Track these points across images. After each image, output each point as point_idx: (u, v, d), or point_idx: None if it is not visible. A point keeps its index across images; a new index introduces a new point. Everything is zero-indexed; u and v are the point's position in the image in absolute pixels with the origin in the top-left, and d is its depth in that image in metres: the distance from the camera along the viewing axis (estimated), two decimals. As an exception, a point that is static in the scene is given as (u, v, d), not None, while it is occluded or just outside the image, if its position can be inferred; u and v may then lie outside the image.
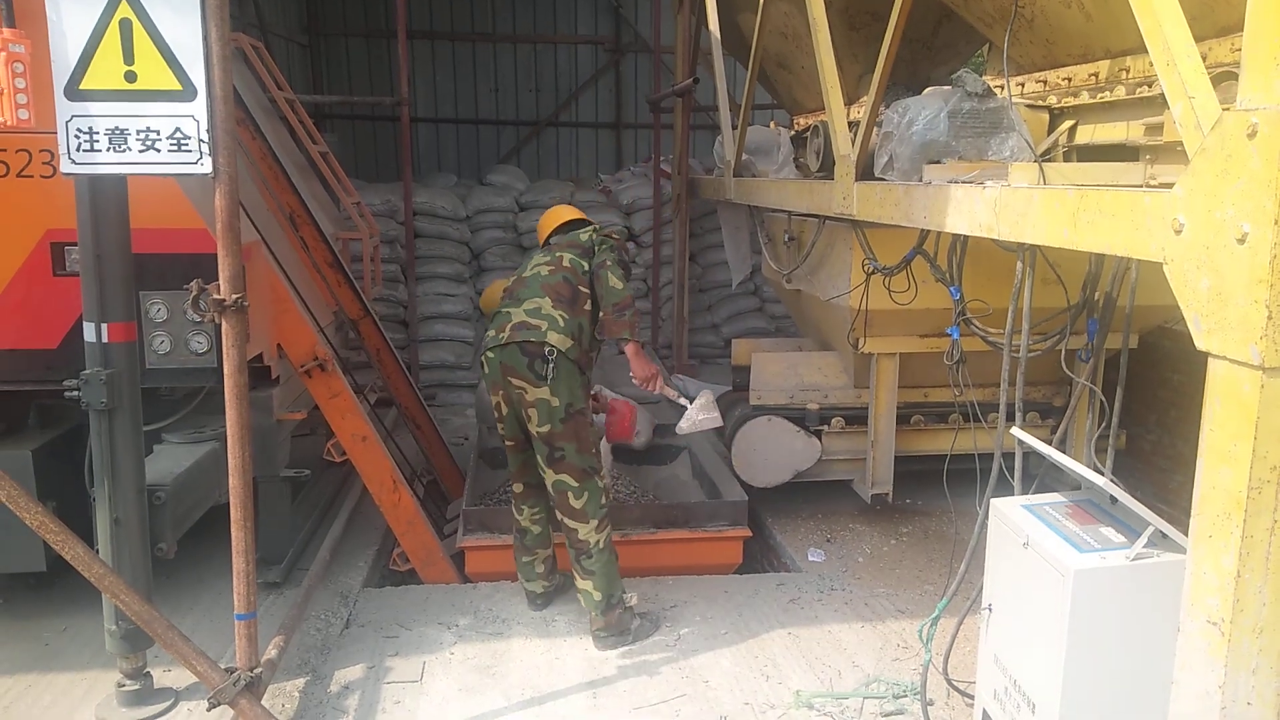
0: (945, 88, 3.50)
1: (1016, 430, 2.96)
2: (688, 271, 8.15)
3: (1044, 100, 3.74)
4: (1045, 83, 3.76)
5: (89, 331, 2.95)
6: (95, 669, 3.49)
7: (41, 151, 3.33)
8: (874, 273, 4.33)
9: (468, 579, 4.48)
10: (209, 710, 3.05)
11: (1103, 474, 2.61)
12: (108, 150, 2.63)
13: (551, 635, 3.88)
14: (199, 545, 4.10)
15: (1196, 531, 1.83)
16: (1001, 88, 3.48)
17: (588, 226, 4.03)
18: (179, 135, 2.63)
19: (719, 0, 6.29)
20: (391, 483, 4.41)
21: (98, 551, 3.00)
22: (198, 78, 2.61)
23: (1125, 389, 3.20)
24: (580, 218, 4.17)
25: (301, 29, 10.67)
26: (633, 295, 3.75)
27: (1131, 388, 3.92)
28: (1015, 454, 3.03)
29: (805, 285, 5.22)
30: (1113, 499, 2.60)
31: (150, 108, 2.62)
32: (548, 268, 3.81)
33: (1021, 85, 3.91)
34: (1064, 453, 2.78)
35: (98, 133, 2.62)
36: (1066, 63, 3.61)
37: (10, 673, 3.48)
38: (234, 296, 2.73)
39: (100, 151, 2.63)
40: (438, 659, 3.66)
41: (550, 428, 3.58)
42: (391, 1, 7.97)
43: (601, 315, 3.73)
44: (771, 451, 5.04)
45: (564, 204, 7.04)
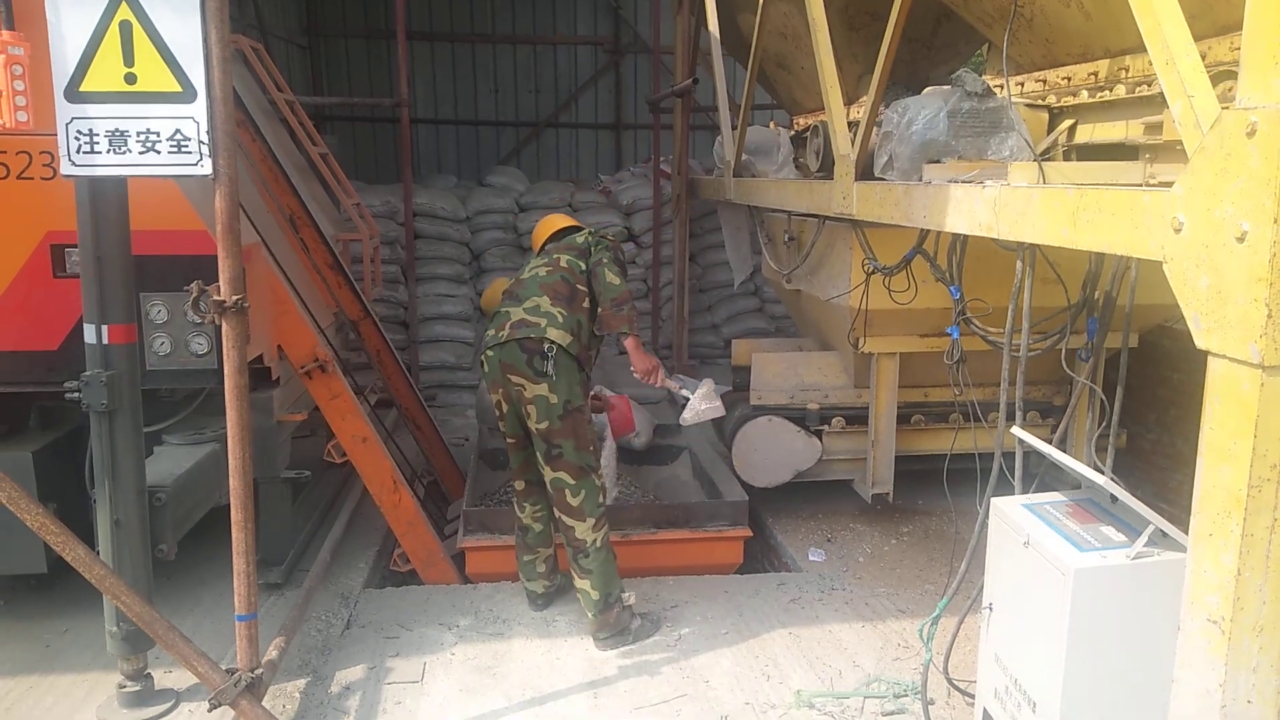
0: (945, 87, 3.50)
1: (1017, 429, 2.96)
2: (687, 272, 8.15)
3: (1043, 99, 3.74)
4: (1045, 82, 3.76)
5: (89, 333, 2.95)
6: (96, 670, 3.50)
7: (42, 153, 3.34)
8: (874, 272, 4.33)
9: (468, 580, 4.48)
10: (210, 711, 3.06)
11: (1103, 473, 2.61)
12: (108, 152, 2.63)
13: (552, 636, 3.88)
14: (199, 546, 4.10)
15: (1197, 530, 1.83)
16: (1001, 87, 3.48)
17: (582, 230, 4.10)
18: (179, 137, 2.63)
19: (718, 1, 6.29)
20: (392, 483, 4.41)
21: (98, 553, 3.00)
22: (197, 79, 2.61)
23: (1125, 388, 3.20)
24: (574, 225, 4.23)
25: (301, 30, 10.67)
26: (630, 291, 3.80)
27: (1131, 387, 3.92)
28: (1015, 453, 3.03)
29: (805, 285, 5.22)
30: (1113, 498, 2.60)
31: (150, 109, 2.62)
32: (545, 269, 3.86)
33: (1021, 84, 3.91)
34: (1064, 452, 2.78)
35: (98, 134, 2.62)
36: (1066, 62, 3.62)
37: (11, 674, 3.49)
38: (234, 298, 2.73)
39: (100, 153, 2.63)
40: (438, 659, 3.66)
41: (548, 424, 3.61)
42: (391, 3, 7.97)
43: (600, 311, 3.78)
44: (772, 451, 5.05)
45: (558, 212, 7.08)
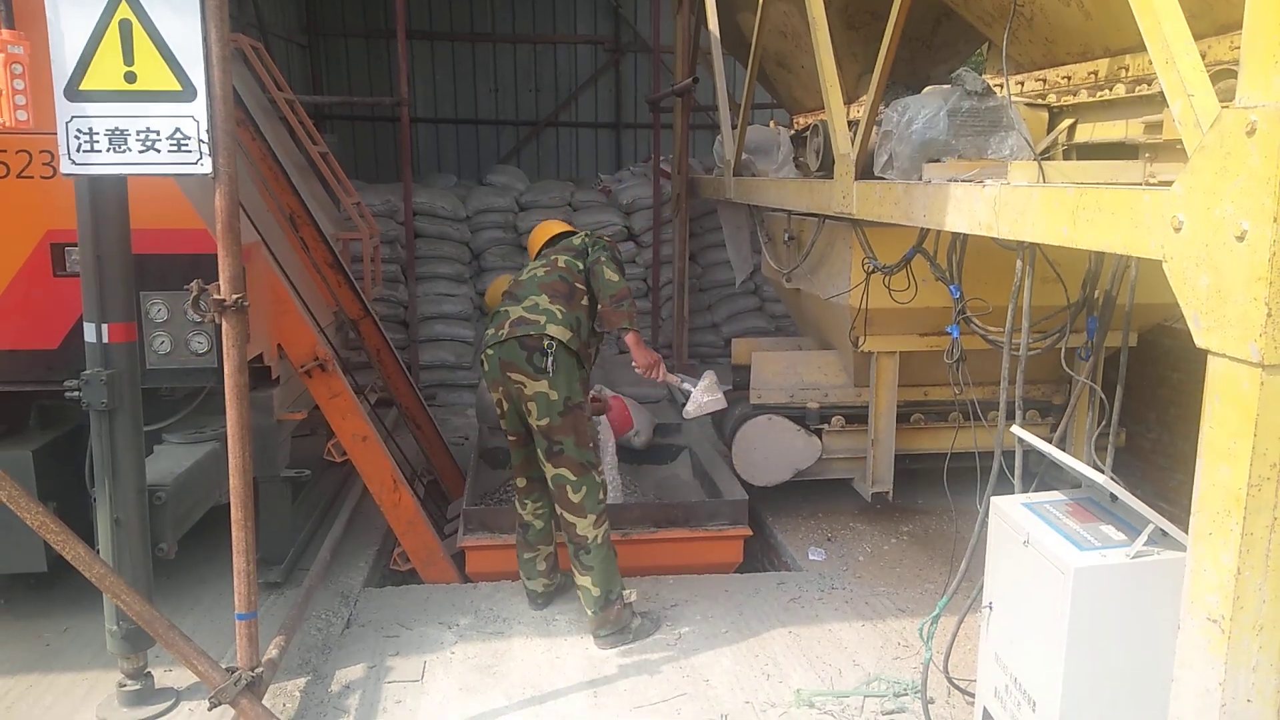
0: (945, 86, 3.50)
1: (1017, 428, 2.96)
2: (687, 271, 8.15)
3: (1043, 99, 3.74)
4: (1045, 81, 3.76)
5: (89, 332, 2.95)
6: (96, 669, 3.50)
7: (42, 152, 3.34)
8: (874, 271, 4.33)
9: (468, 579, 4.48)
10: (210, 710, 3.06)
11: (1103, 472, 2.61)
12: (107, 151, 2.63)
13: (552, 635, 3.88)
14: (199, 545, 4.11)
15: (1196, 529, 1.83)
16: (1001, 86, 3.48)
17: (578, 233, 4.15)
18: (179, 136, 2.64)
19: (718, 0, 6.29)
20: (392, 482, 4.41)
21: (98, 552, 3.00)
22: (197, 78, 2.61)
23: (1125, 387, 3.20)
24: (569, 229, 4.26)
25: (301, 29, 10.66)
26: (629, 288, 3.83)
27: (1131, 386, 3.92)
28: (1015, 452, 3.03)
29: (805, 284, 5.22)
30: (1113, 497, 2.60)
31: (150, 108, 2.62)
32: (543, 269, 3.90)
33: (1021, 84, 3.91)
34: (1064, 451, 2.78)
35: (97, 133, 2.62)
36: (1066, 61, 3.62)
37: (11, 673, 3.49)
38: (234, 297, 2.73)
39: (100, 152, 2.63)
40: (438, 658, 3.67)
41: (549, 421, 3.62)
42: (391, 2, 7.96)
43: (600, 307, 3.81)
44: (772, 450, 5.05)
45: (558, 211, 7.10)
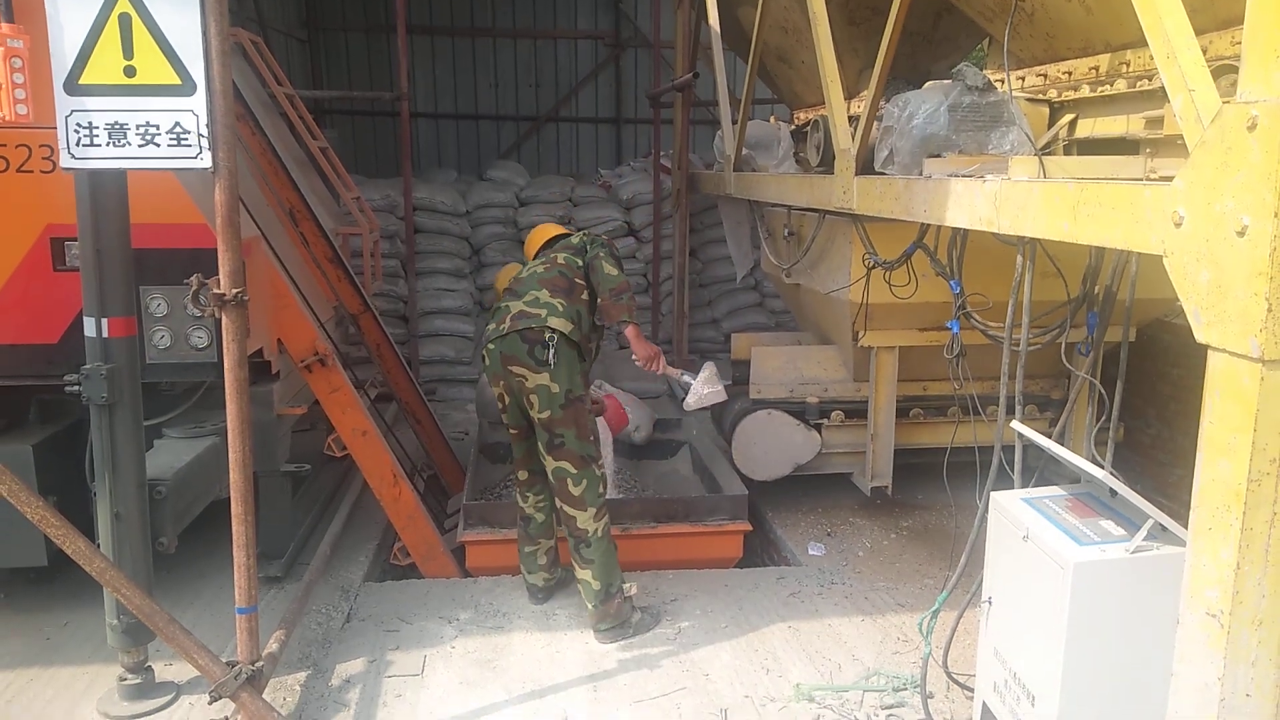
0: (945, 82, 3.50)
1: (1017, 424, 2.96)
2: (688, 266, 8.14)
3: (1044, 94, 3.73)
4: (1045, 76, 3.75)
5: (89, 326, 2.95)
6: (97, 663, 3.50)
7: (41, 146, 3.33)
8: (874, 267, 4.33)
9: (468, 573, 4.49)
10: (210, 704, 3.06)
11: (1102, 467, 2.61)
12: (107, 145, 2.63)
13: (552, 629, 3.88)
14: (199, 540, 4.11)
15: (1196, 524, 1.83)
16: (1002, 81, 3.48)
17: (576, 233, 4.16)
18: (178, 130, 2.63)
19: (719, -5, 6.28)
20: (392, 477, 4.42)
21: (99, 546, 3.00)
22: (197, 72, 2.60)
23: (1125, 382, 3.20)
24: (566, 232, 4.27)
25: (301, 24, 10.64)
26: (628, 282, 3.85)
27: (1131, 381, 3.92)
28: (1015, 447, 3.03)
29: (805, 280, 5.22)
30: (1112, 492, 2.60)
31: (150, 102, 2.61)
32: (543, 266, 3.93)
33: (1022, 79, 3.90)
34: (1063, 446, 2.78)
35: (97, 127, 2.62)
36: (1067, 56, 3.61)
37: (12, 667, 3.49)
38: (234, 291, 2.72)
39: (100, 146, 2.63)
40: (438, 653, 3.67)
41: (550, 414, 3.64)
42: (391, -4, 7.96)
43: (600, 302, 3.83)
44: (771, 445, 5.05)
45: (558, 206, 7.08)
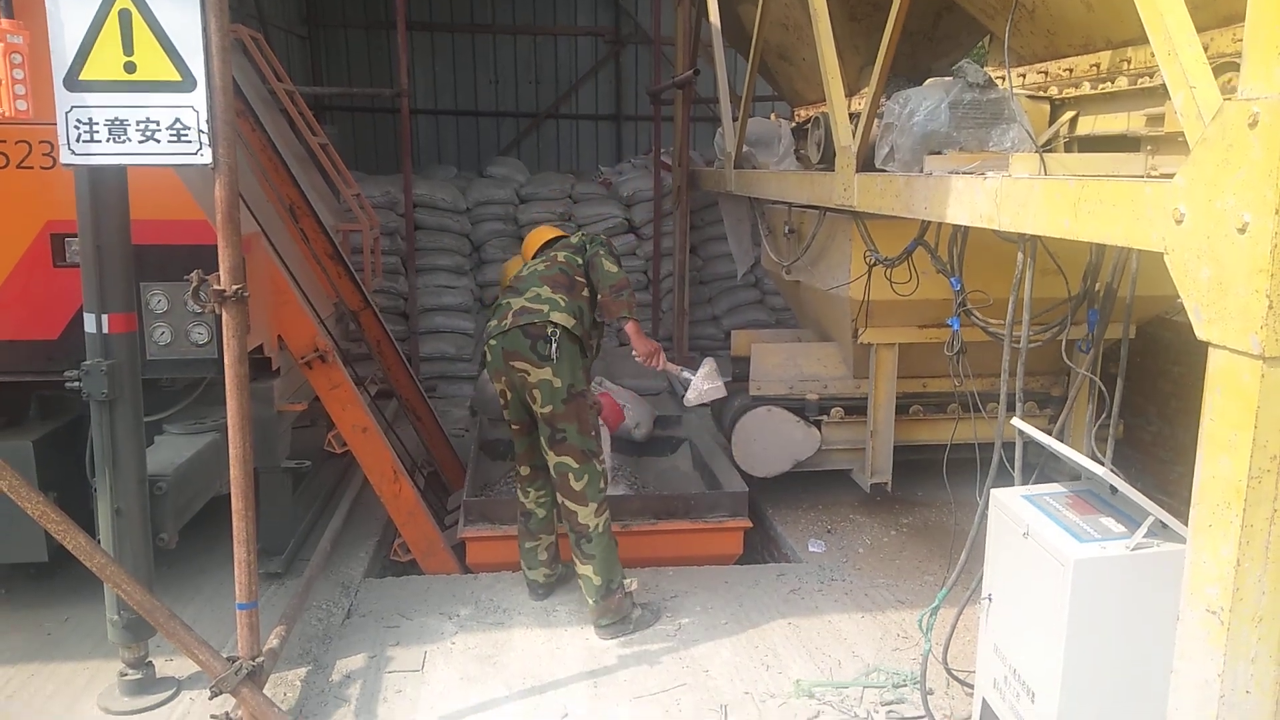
0: (946, 79, 3.49)
1: (1017, 421, 2.96)
2: (688, 263, 8.14)
3: (1045, 91, 3.73)
4: (1046, 73, 3.75)
5: (89, 322, 2.95)
6: (97, 659, 3.51)
7: (41, 143, 3.33)
8: (875, 264, 4.33)
9: (468, 569, 4.49)
10: (211, 699, 3.05)
11: (1102, 464, 2.61)
12: (107, 141, 2.62)
13: (552, 625, 3.89)
14: (200, 536, 4.11)
15: (1196, 521, 1.83)
16: (1003, 78, 3.47)
17: (575, 234, 4.19)
18: (178, 126, 2.63)
19: (719, -9, 6.26)
20: (392, 473, 4.42)
21: (99, 542, 3.00)
22: (197, 68, 2.60)
23: (1125, 379, 3.20)
24: (563, 234, 4.29)
25: (301, 20, 10.63)
26: (628, 279, 3.87)
27: (1132, 379, 3.92)
28: (1015, 444, 3.03)
29: (805, 277, 5.22)
30: (1113, 489, 2.60)
31: (150, 98, 2.61)
32: (544, 264, 3.95)
33: (1023, 76, 3.90)
34: (1063, 443, 2.78)
35: (97, 123, 2.61)
36: (1068, 53, 3.61)
37: (13, 662, 3.49)
38: (234, 287, 2.72)
39: (100, 142, 2.63)
40: (439, 648, 3.68)
41: (552, 408, 3.65)
42: (391, -8, 7.94)
43: (600, 298, 3.85)
44: (771, 441, 5.05)
45: (559, 202, 7.06)
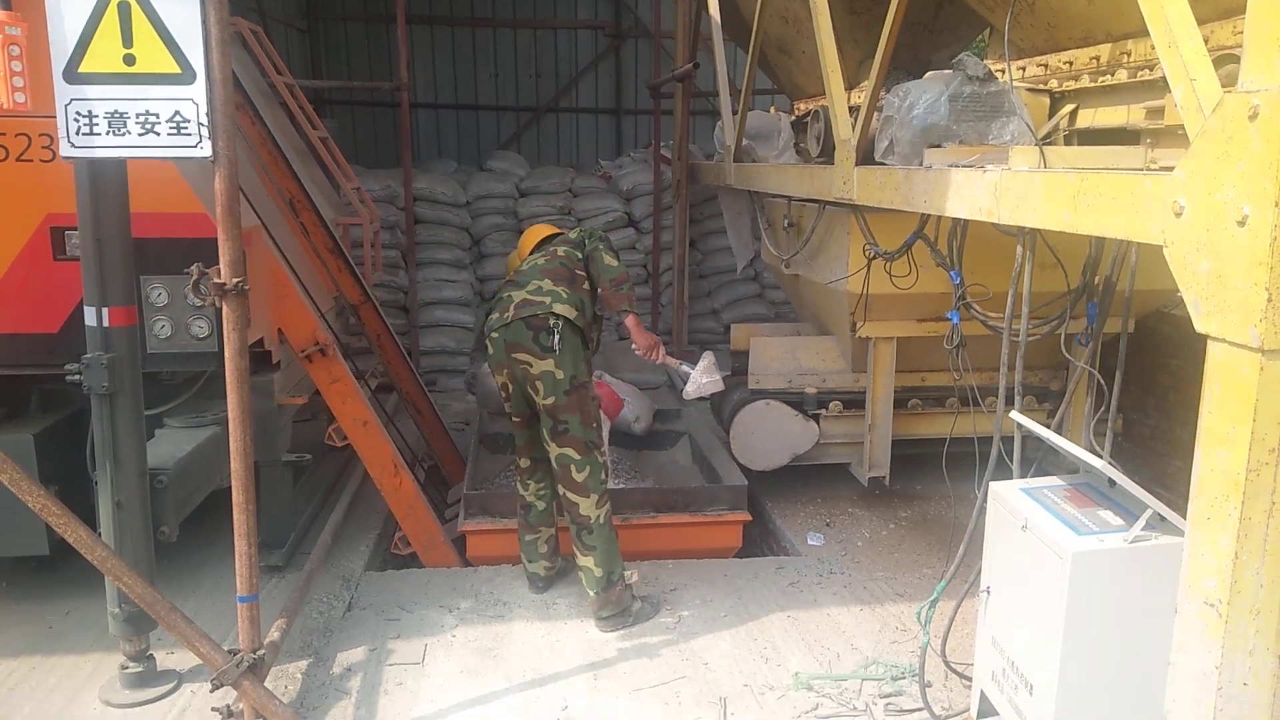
0: (946, 72, 3.49)
1: (1015, 414, 2.97)
2: (688, 257, 8.13)
3: (1045, 84, 3.73)
4: (1046, 66, 3.75)
5: (90, 316, 2.95)
6: (98, 652, 3.51)
7: (41, 135, 3.33)
8: (875, 257, 4.33)
9: (469, 563, 4.50)
10: (212, 692, 3.07)
11: (1101, 457, 2.62)
12: (107, 133, 2.62)
13: (552, 618, 3.90)
14: (201, 529, 4.12)
15: (1194, 514, 1.83)
16: (1002, 71, 3.47)
17: (573, 230, 4.21)
18: (178, 118, 2.62)
19: (719, -16, 6.25)
20: (393, 467, 4.43)
21: (100, 535, 3.00)
22: (197, 61, 2.60)
23: (1124, 373, 3.20)
24: (560, 231, 4.29)
25: (300, 14, 10.61)
26: (628, 272, 3.88)
27: (1130, 372, 3.92)
28: (1014, 438, 3.03)
29: (804, 270, 5.21)
30: (1111, 482, 2.61)
31: (149, 91, 2.61)
32: (544, 259, 3.95)
33: (1022, 69, 3.90)
34: (1062, 436, 2.78)
35: (97, 116, 2.61)
36: (1068, 46, 3.60)
37: (14, 655, 3.50)
38: (234, 280, 2.72)
39: (99, 135, 2.62)
40: (439, 641, 3.68)
41: (555, 399, 3.66)
42: (390, -14, 7.93)
43: (600, 291, 3.86)
44: (770, 435, 5.06)
45: (558, 197, 7.06)
